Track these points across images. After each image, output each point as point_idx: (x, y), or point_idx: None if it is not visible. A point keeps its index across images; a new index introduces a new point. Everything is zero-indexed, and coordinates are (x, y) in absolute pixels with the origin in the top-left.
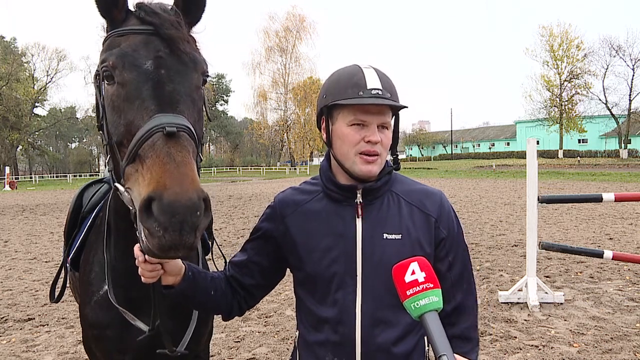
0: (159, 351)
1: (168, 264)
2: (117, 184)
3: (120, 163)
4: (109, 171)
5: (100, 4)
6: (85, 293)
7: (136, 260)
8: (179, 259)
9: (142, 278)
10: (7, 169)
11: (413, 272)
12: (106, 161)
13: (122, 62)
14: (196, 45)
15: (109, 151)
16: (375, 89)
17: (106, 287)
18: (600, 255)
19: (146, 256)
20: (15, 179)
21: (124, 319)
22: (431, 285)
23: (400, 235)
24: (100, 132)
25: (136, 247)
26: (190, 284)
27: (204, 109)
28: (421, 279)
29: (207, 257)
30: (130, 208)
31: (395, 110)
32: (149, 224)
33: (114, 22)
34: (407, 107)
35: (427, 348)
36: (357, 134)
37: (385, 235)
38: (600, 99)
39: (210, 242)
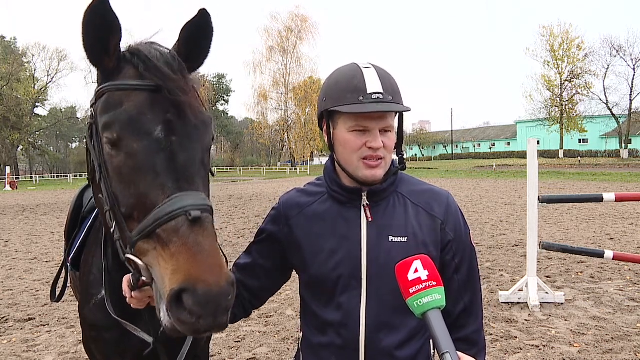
0: None
1: None
2: (129, 256)
3: (127, 233)
4: (115, 240)
5: (90, 51)
6: (85, 294)
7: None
8: None
9: (132, 305)
10: (8, 169)
11: (416, 270)
12: (112, 230)
13: (129, 129)
14: (198, 94)
15: (112, 218)
16: (376, 92)
17: (104, 292)
18: (600, 255)
19: (133, 292)
20: (16, 179)
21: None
22: (434, 283)
23: (406, 238)
24: (98, 193)
25: (125, 283)
26: None
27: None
28: (424, 277)
29: None
30: (144, 278)
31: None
32: (179, 314)
33: (105, 71)
34: (409, 109)
35: (432, 352)
36: (358, 140)
37: (390, 238)
38: (600, 99)
39: None
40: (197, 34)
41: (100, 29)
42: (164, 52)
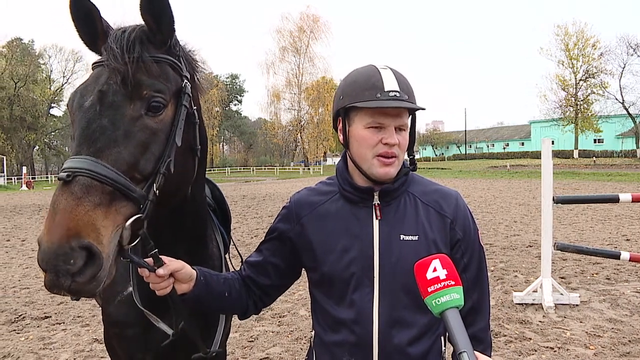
0: (195, 356)
1: (178, 272)
2: None
3: None
4: None
5: (85, 40)
6: (109, 292)
7: (144, 278)
8: (188, 265)
9: (156, 291)
10: (24, 169)
11: (435, 269)
12: None
13: (72, 103)
14: (157, 67)
15: None
16: (393, 90)
17: (131, 288)
18: (617, 256)
19: (157, 271)
20: (32, 178)
21: (147, 319)
22: (452, 283)
23: (417, 237)
24: None
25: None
26: (203, 288)
27: (162, 136)
28: (443, 276)
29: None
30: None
31: (412, 111)
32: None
33: (100, 53)
34: (424, 108)
35: (444, 349)
36: (374, 136)
37: (402, 237)
38: (616, 99)
39: (228, 241)
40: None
41: (84, 19)
42: (126, 29)
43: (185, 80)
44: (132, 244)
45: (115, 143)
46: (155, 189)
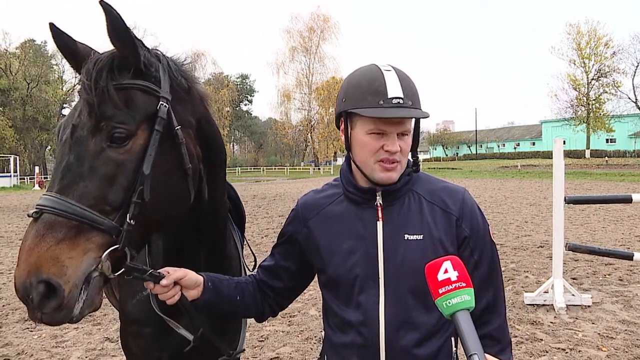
0: (221, 359)
1: (182, 280)
2: None
3: None
4: None
5: (75, 68)
6: (128, 291)
7: (150, 290)
8: (191, 272)
9: (166, 301)
10: (37, 169)
11: (446, 271)
12: None
13: (57, 136)
14: (122, 95)
15: None
16: (396, 97)
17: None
18: (629, 257)
19: (160, 282)
20: (44, 178)
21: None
22: (463, 284)
23: (421, 236)
24: None
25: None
26: (212, 293)
27: (130, 165)
28: (454, 278)
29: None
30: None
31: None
32: None
33: None
34: (428, 116)
35: (454, 349)
36: (376, 143)
37: (406, 236)
38: (629, 98)
39: (242, 240)
40: (108, 27)
41: (70, 54)
42: (99, 57)
43: (162, 102)
44: (118, 273)
45: (81, 178)
46: (128, 219)
